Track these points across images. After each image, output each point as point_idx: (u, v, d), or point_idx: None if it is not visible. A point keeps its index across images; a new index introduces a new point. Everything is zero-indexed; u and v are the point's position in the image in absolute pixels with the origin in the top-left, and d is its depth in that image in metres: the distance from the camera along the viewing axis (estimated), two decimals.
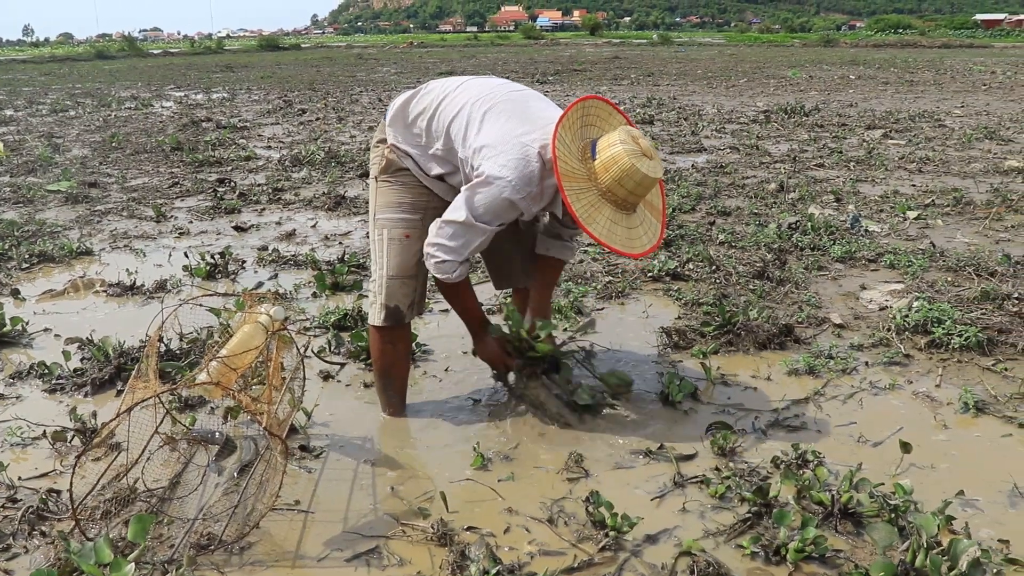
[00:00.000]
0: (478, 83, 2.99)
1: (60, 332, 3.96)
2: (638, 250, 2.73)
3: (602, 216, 2.66)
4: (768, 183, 7.20)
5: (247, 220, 6.23)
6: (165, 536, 2.37)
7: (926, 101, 14.85)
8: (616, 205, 2.69)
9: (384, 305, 2.95)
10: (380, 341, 3.05)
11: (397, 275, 2.94)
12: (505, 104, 2.84)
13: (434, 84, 3.06)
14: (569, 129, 2.70)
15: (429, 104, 2.95)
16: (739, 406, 3.17)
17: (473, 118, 2.82)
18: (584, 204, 2.63)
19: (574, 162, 2.67)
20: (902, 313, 3.89)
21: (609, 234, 2.65)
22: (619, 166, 2.61)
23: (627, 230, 2.71)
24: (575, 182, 2.64)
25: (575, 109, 2.73)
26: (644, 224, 2.78)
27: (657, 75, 22.67)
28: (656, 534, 2.36)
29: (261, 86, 20.36)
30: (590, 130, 2.79)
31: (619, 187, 2.65)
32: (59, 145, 10.11)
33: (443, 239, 2.77)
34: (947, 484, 2.58)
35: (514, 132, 2.73)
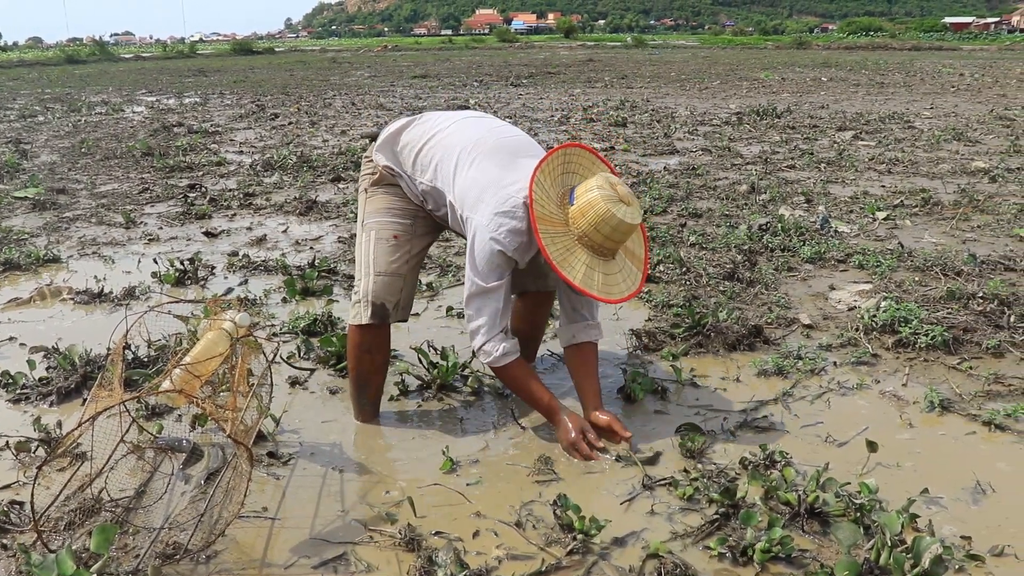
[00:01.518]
0: (472, 125, 3.01)
1: (25, 341, 3.92)
2: (616, 296, 2.71)
3: (578, 261, 2.65)
4: (740, 184, 7.24)
5: (218, 226, 6.19)
6: (130, 546, 2.34)
7: (896, 103, 15.00)
8: (593, 251, 2.67)
9: (371, 302, 2.93)
10: (358, 348, 3.02)
11: (384, 272, 2.95)
12: (494, 151, 2.86)
13: (428, 117, 3.09)
14: (549, 175, 2.71)
15: (420, 136, 3.00)
16: (708, 407, 3.18)
17: (462, 162, 2.86)
18: (560, 248, 2.63)
19: (552, 207, 2.67)
20: (870, 313, 3.92)
21: (586, 279, 2.64)
22: (595, 211, 2.60)
23: (605, 276, 2.69)
24: (551, 226, 2.64)
25: (556, 155, 2.74)
26: (624, 271, 2.77)
27: (631, 77, 22.76)
28: (624, 536, 2.37)
29: (234, 90, 20.24)
30: (571, 177, 2.79)
31: (596, 232, 2.63)
32: (27, 151, 10.00)
33: (472, 323, 2.84)
34: (912, 482, 2.60)
35: (502, 182, 2.75)
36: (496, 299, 2.79)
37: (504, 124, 3.12)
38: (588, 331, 3.02)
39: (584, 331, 3.02)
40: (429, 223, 3.10)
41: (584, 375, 3.02)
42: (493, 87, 19.69)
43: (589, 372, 3.02)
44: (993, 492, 2.57)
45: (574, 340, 3.02)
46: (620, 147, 9.66)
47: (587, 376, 3.02)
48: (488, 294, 2.79)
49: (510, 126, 3.11)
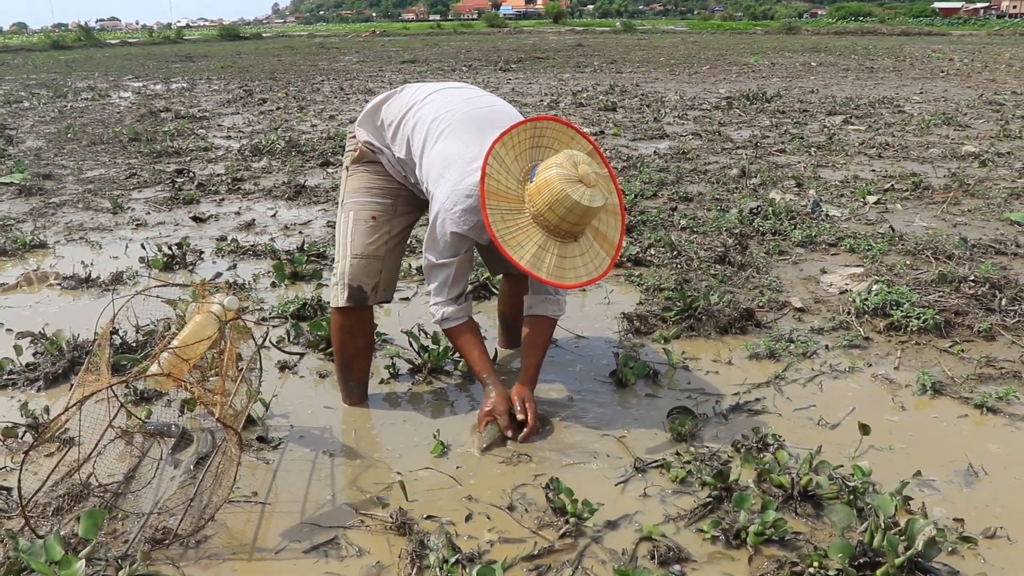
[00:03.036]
0: (448, 95, 2.92)
1: (12, 326, 3.88)
2: (569, 281, 2.54)
3: (530, 241, 2.50)
4: (730, 169, 7.23)
5: (206, 211, 6.14)
6: (119, 531, 2.32)
7: (886, 88, 15.00)
8: (549, 232, 2.52)
9: (347, 285, 2.90)
10: (341, 331, 3.01)
11: (361, 254, 2.90)
12: (464, 123, 2.76)
13: (408, 89, 3.02)
14: (513, 148, 2.57)
15: (398, 109, 2.94)
16: (700, 391, 3.17)
17: (431, 135, 2.78)
18: (511, 226, 2.50)
19: (511, 182, 2.54)
20: (862, 296, 3.92)
21: (535, 260, 2.49)
22: (550, 191, 2.45)
23: (560, 259, 2.53)
24: (506, 202, 2.51)
25: (523, 128, 2.59)
26: (587, 255, 2.59)
27: (620, 62, 22.69)
28: (617, 520, 2.36)
29: (221, 76, 20.10)
30: (541, 152, 2.63)
31: (551, 213, 2.47)
32: (12, 137, 9.91)
33: (428, 287, 2.86)
34: (904, 465, 2.60)
35: (464, 156, 2.65)
36: (447, 271, 2.78)
37: (484, 94, 3.01)
38: (545, 305, 2.95)
39: (541, 304, 2.96)
40: (412, 201, 3.04)
41: (528, 349, 2.99)
42: (482, 72, 19.60)
43: (533, 346, 2.98)
44: (985, 474, 2.57)
45: (531, 311, 2.98)
46: (610, 131, 9.63)
47: (530, 350, 2.98)
48: (440, 268, 2.78)
49: (491, 96, 3.01)
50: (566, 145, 2.65)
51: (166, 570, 2.17)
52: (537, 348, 2.99)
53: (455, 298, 2.86)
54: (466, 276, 2.90)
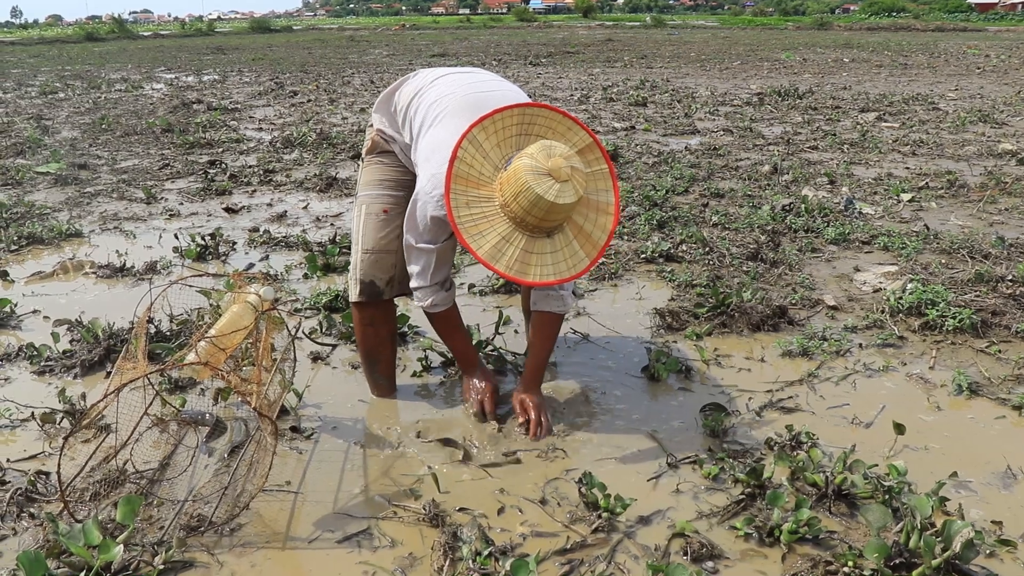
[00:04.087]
0: (451, 80, 2.85)
1: (49, 314, 3.93)
2: (532, 278, 2.40)
3: (493, 231, 2.38)
4: (761, 165, 7.18)
5: (238, 202, 6.19)
6: (155, 518, 2.35)
7: (920, 84, 14.83)
8: (516, 223, 2.38)
9: (359, 280, 2.90)
10: (361, 323, 3.01)
11: (372, 249, 2.89)
12: (459, 107, 2.66)
13: (420, 74, 2.98)
14: (495, 133, 2.44)
15: (408, 94, 2.90)
16: (733, 387, 3.16)
17: (427, 119, 2.73)
18: (475, 214, 2.39)
19: (485, 168, 2.42)
20: (896, 295, 3.88)
21: (494, 252, 2.37)
22: (517, 181, 2.31)
23: (525, 253, 2.39)
24: (475, 188, 2.40)
25: (511, 112, 2.46)
26: (562, 252, 2.44)
27: (650, 57, 22.59)
28: (649, 515, 2.35)
29: (252, 68, 20.22)
30: (531, 140, 2.48)
31: (516, 205, 2.34)
32: (48, 127, 10.03)
33: (409, 268, 2.79)
34: (940, 466, 2.58)
35: (451, 141, 2.49)
36: (427, 257, 2.71)
37: (493, 79, 2.93)
38: (549, 301, 2.83)
39: (545, 300, 2.83)
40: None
41: (532, 346, 2.94)
42: (512, 66, 19.58)
43: (536, 344, 2.91)
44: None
45: (534, 306, 2.88)
46: (641, 126, 9.59)
47: (533, 348, 2.92)
48: (420, 252, 2.71)
49: (500, 82, 2.91)
50: (561, 136, 2.50)
51: (201, 557, 2.20)
52: (538, 348, 2.92)
53: (440, 283, 2.80)
54: (449, 263, 2.83)
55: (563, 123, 2.52)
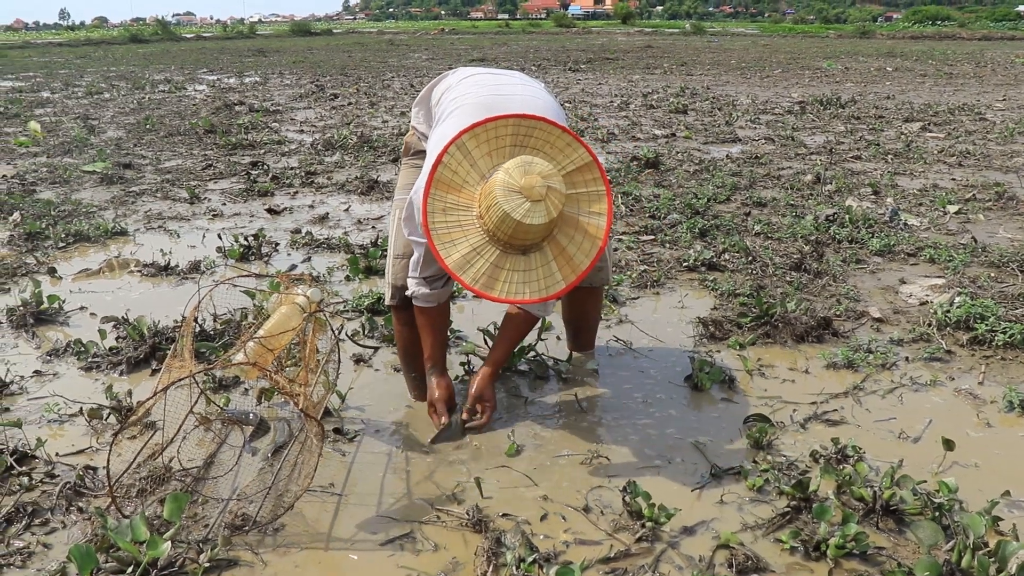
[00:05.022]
0: (477, 80, 2.84)
1: (96, 311, 3.99)
2: (497, 294, 2.33)
3: (466, 242, 2.32)
4: (804, 174, 7.10)
5: (280, 203, 6.24)
6: (199, 515, 2.37)
7: (966, 94, 14.61)
8: (490, 237, 2.33)
9: (392, 284, 2.93)
10: (398, 323, 3.04)
11: (403, 254, 2.90)
12: (472, 108, 2.61)
13: (458, 71, 2.98)
14: (486, 142, 2.37)
15: (440, 92, 2.90)
16: (777, 398, 3.12)
17: (443, 114, 2.72)
18: (450, 221, 2.33)
19: (471, 176, 2.36)
20: (943, 308, 3.81)
21: (463, 263, 2.31)
22: (489, 195, 2.27)
23: (494, 268, 2.32)
24: (454, 195, 2.35)
25: (506, 123, 2.39)
26: (536, 272, 2.36)
27: (690, 64, 22.47)
28: (693, 526, 2.33)
29: (293, 71, 20.41)
30: (521, 151, 2.40)
31: (488, 219, 2.30)
32: (94, 127, 10.20)
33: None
34: (991, 483, 2.53)
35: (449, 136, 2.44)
36: (418, 251, 2.69)
37: (519, 82, 2.87)
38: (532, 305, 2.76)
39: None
40: None
41: (498, 339, 2.93)
42: (551, 72, 19.59)
43: (501, 338, 2.90)
44: None
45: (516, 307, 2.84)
46: (681, 134, 9.55)
47: (498, 341, 2.92)
48: (414, 244, 2.71)
49: (524, 85, 2.84)
50: (559, 151, 2.41)
51: (245, 555, 2.21)
52: (501, 341, 2.91)
53: (428, 280, 2.75)
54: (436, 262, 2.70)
55: (562, 138, 2.43)
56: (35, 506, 2.40)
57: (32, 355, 3.50)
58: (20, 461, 2.62)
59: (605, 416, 3.01)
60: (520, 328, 2.91)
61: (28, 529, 2.32)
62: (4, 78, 18.61)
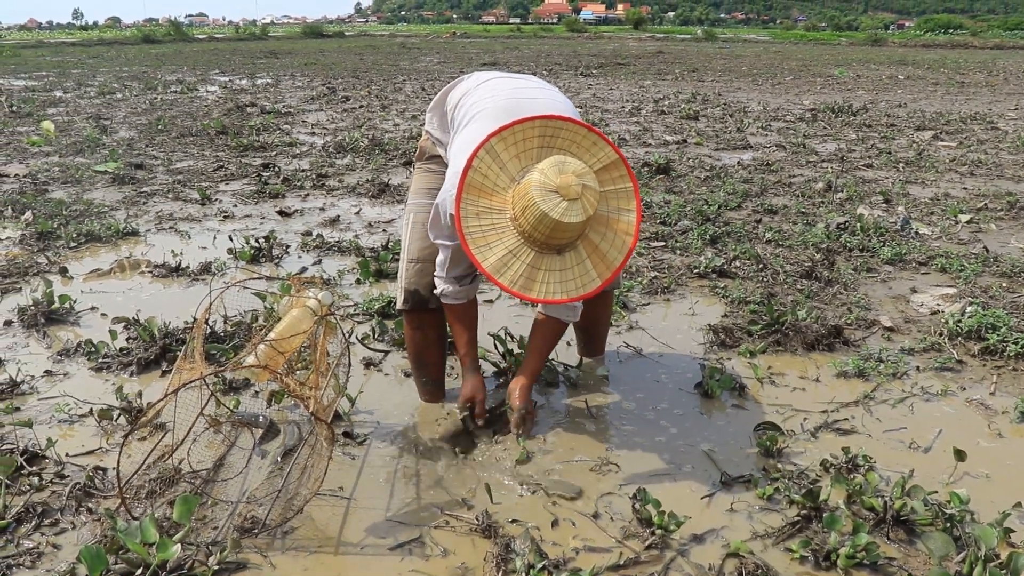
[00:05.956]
0: (496, 84, 2.85)
1: (106, 311, 4.00)
2: (535, 294, 2.35)
3: (501, 245, 2.34)
4: (815, 182, 7.09)
5: (291, 205, 6.25)
6: (208, 518, 2.37)
7: (978, 103, 14.56)
8: (524, 238, 2.35)
9: (404, 288, 2.94)
10: (409, 327, 3.04)
11: (417, 258, 2.91)
12: (495, 112, 2.63)
13: (474, 76, 2.99)
14: (514, 144, 2.40)
15: (457, 96, 2.91)
16: (787, 406, 3.11)
17: (464, 119, 2.73)
18: (484, 225, 2.35)
19: (501, 179, 2.38)
20: (955, 318, 3.80)
21: (499, 265, 2.33)
22: (524, 196, 2.29)
23: (531, 269, 2.34)
24: (488, 200, 2.37)
25: (533, 124, 2.41)
26: (572, 271, 2.39)
27: (701, 71, 22.46)
28: (703, 534, 2.33)
29: (305, 73, 20.46)
30: (549, 153, 2.42)
31: (524, 220, 2.31)
32: (106, 127, 10.23)
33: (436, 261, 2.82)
34: (1002, 495, 2.51)
35: (475, 143, 2.45)
36: (445, 253, 2.73)
37: (537, 87, 2.89)
38: (557, 308, 2.80)
39: (553, 306, 2.80)
40: None
41: (530, 348, 2.93)
42: (563, 76, 19.59)
43: (533, 347, 2.92)
44: None
45: (544, 309, 2.87)
46: (692, 140, 9.54)
47: (530, 350, 2.92)
48: (440, 247, 2.74)
49: (543, 89, 2.87)
50: (585, 151, 2.44)
51: (254, 558, 2.21)
52: (534, 350, 2.92)
53: (457, 278, 2.79)
54: (466, 262, 2.73)
55: (588, 138, 2.46)
56: (45, 506, 2.41)
57: (43, 355, 3.51)
58: (30, 461, 2.63)
59: (615, 423, 3.00)
60: (552, 335, 2.92)
61: (38, 529, 2.32)
62: (17, 77, 18.71)
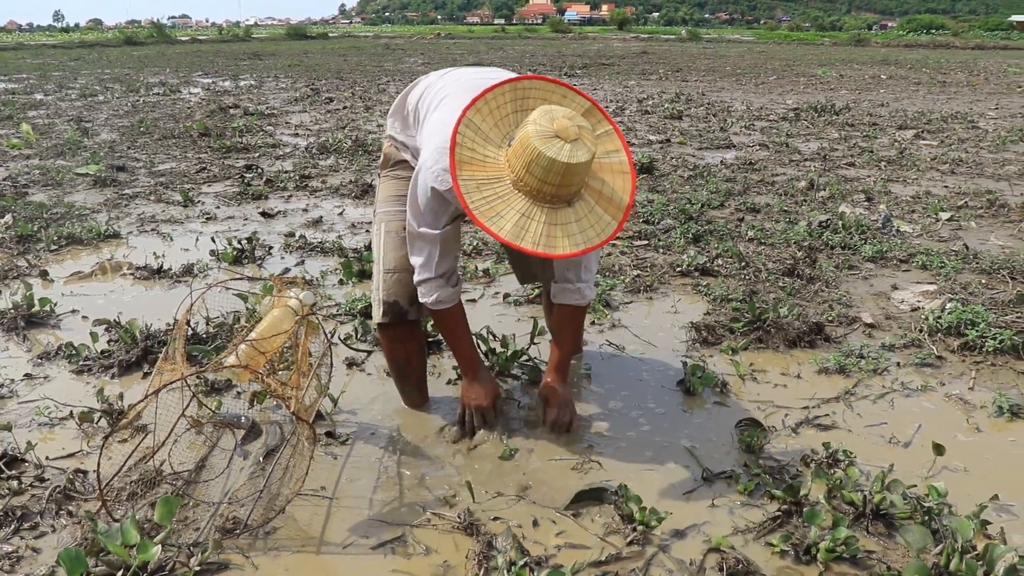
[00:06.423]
0: (456, 74, 2.85)
1: (88, 314, 3.98)
2: (562, 251, 2.29)
3: (510, 210, 2.28)
4: (798, 181, 7.13)
5: (274, 206, 6.24)
6: (190, 519, 2.37)
7: (959, 102, 14.67)
8: (532, 197, 2.30)
9: (383, 301, 2.83)
10: (389, 341, 2.95)
11: (394, 269, 2.82)
12: (463, 92, 2.60)
13: (432, 74, 2.96)
14: (491, 113, 2.38)
15: (417, 94, 2.88)
16: (769, 403, 3.13)
17: (431, 106, 2.70)
18: (488, 195, 2.29)
19: (488, 149, 2.35)
20: (935, 314, 3.83)
21: (516, 230, 2.26)
22: (526, 150, 2.24)
23: (548, 226, 2.29)
24: (482, 171, 2.32)
25: (503, 90, 2.39)
26: (586, 219, 2.35)
27: (686, 71, 22.53)
28: (684, 529, 2.34)
29: (288, 74, 20.39)
30: (527, 115, 2.37)
31: (530, 176, 2.26)
32: (88, 129, 10.17)
33: (412, 260, 2.68)
34: (980, 488, 2.53)
35: (448, 120, 2.46)
36: (430, 246, 2.62)
37: (501, 72, 2.82)
38: (566, 294, 2.78)
39: (562, 293, 2.79)
40: None
41: (557, 342, 2.91)
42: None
43: (559, 338, 2.90)
44: None
45: (555, 299, 2.82)
46: (676, 140, 9.57)
47: (556, 342, 2.90)
48: (422, 239, 2.61)
49: (507, 73, 2.76)
50: (558, 104, 2.43)
51: (236, 559, 2.21)
52: (561, 341, 2.90)
53: (445, 276, 2.69)
54: (454, 253, 2.73)
55: (557, 91, 2.45)
56: (24, 510, 2.39)
57: (23, 358, 3.49)
58: (10, 465, 2.61)
59: (597, 420, 3.01)
60: (573, 323, 2.90)
61: (17, 533, 2.31)
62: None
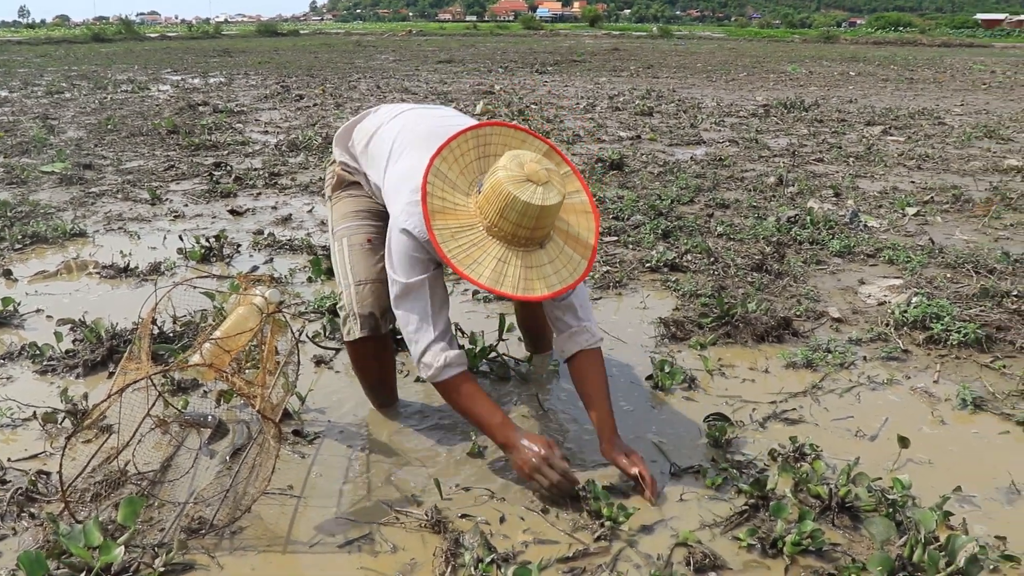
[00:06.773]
0: (411, 115, 2.83)
1: (52, 313, 3.93)
2: (539, 292, 2.31)
3: (487, 256, 2.30)
4: (767, 176, 7.18)
5: (243, 204, 6.19)
6: (155, 519, 2.34)
7: (926, 99, 14.84)
8: (507, 241, 2.31)
9: (359, 315, 2.74)
10: (364, 357, 2.90)
11: (366, 279, 2.76)
12: (424, 140, 2.60)
13: (382, 109, 2.97)
14: (456, 162, 2.40)
15: (368, 130, 2.88)
16: (737, 398, 3.15)
17: (392, 155, 2.68)
18: (464, 244, 2.30)
19: (457, 197, 2.37)
20: (901, 308, 3.87)
21: (495, 276, 2.28)
22: (498, 196, 2.25)
23: (524, 269, 2.31)
24: (455, 220, 2.33)
25: (465, 137, 2.42)
26: (558, 260, 2.38)
27: (656, 67, 22.62)
28: (652, 524, 2.34)
29: (259, 71, 20.25)
30: (491, 161, 2.43)
31: (503, 220, 2.28)
32: (54, 127, 10.05)
33: (406, 330, 2.55)
34: (944, 480, 2.57)
35: (412, 173, 2.48)
36: (423, 297, 2.50)
37: (451, 114, 2.88)
38: (574, 340, 2.64)
39: (570, 341, 2.65)
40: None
41: (588, 395, 2.65)
42: (518, 74, 19.62)
43: (592, 391, 2.64)
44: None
45: (564, 354, 2.68)
46: (646, 136, 9.60)
47: (591, 397, 2.64)
48: (412, 292, 2.49)
49: (458, 116, 2.86)
50: (519, 146, 2.48)
51: (201, 559, 2.19)
52: (596, 393, 2.64)
53: (446, 337, 2.54)
54: (446, 305, 2.59)
55: (517, 136, 2.51)
56: None
57: None
58: None
59: (566, 416, 3.01)
60: (598, 363, 2.68)
61: None
62: None
